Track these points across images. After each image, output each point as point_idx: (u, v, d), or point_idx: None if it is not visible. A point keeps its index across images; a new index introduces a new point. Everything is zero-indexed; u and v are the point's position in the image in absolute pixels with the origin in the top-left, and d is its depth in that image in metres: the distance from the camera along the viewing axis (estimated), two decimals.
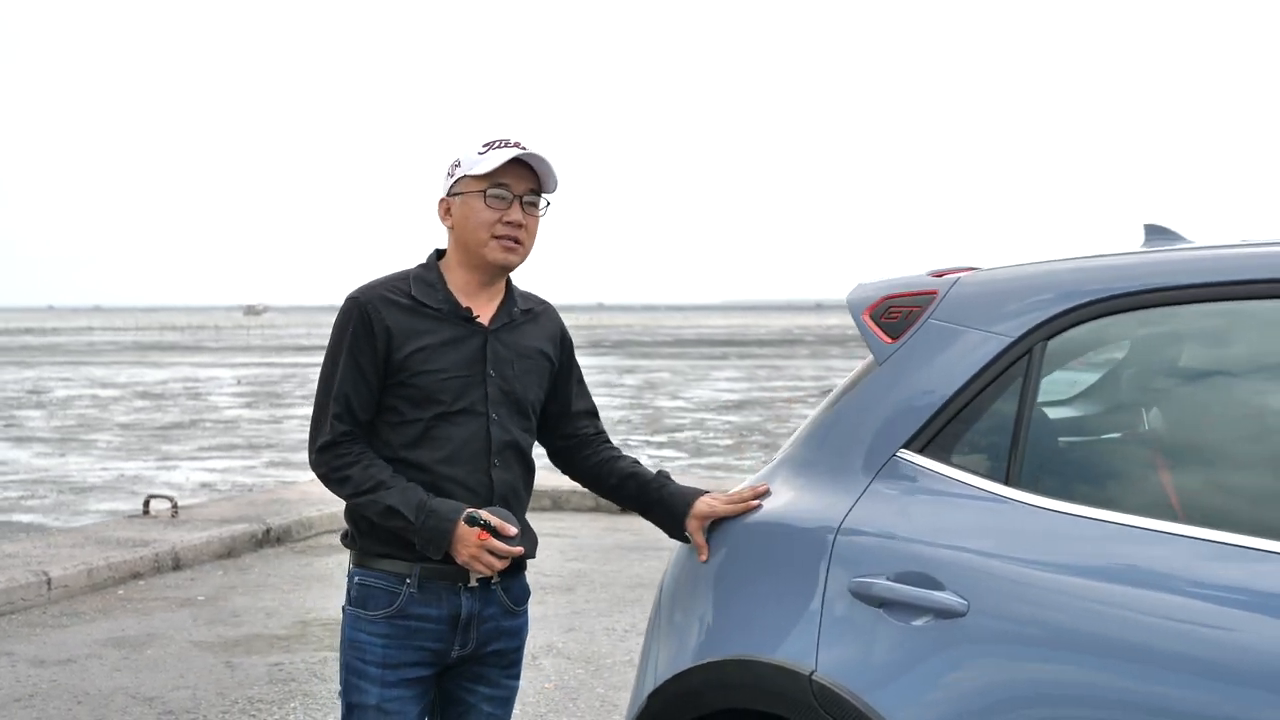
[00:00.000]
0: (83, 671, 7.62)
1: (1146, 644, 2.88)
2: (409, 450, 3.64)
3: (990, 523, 3.20)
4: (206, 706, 6.95)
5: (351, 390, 3.63)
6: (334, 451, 3.63)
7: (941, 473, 3.33)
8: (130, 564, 10.02)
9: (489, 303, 3.76)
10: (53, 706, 6.97)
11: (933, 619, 3.16)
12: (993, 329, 3.40)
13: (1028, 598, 3.06)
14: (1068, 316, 3.32)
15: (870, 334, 3.61)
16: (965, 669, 3.10)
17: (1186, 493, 3.16)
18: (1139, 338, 3.50)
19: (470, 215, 3.69)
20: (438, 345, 3.66)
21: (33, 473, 18.50)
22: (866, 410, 3.54)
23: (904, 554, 3.26)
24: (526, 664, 7.65)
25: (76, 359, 57.34)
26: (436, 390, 3.63)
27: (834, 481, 3.49)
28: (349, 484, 3.61)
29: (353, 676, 3.68)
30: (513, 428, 3.73)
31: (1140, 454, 3.46)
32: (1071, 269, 3.41)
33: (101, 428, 25.27)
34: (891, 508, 3.35)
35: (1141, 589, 2.93)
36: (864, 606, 3.27)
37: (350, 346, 3.64)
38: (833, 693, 3.25)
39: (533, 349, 3.81)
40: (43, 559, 9.81)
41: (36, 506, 14.90)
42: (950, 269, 3.64)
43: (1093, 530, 3.06)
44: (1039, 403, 3.35)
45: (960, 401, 3.37)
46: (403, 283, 3.72)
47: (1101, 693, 2.92)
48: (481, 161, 3.66)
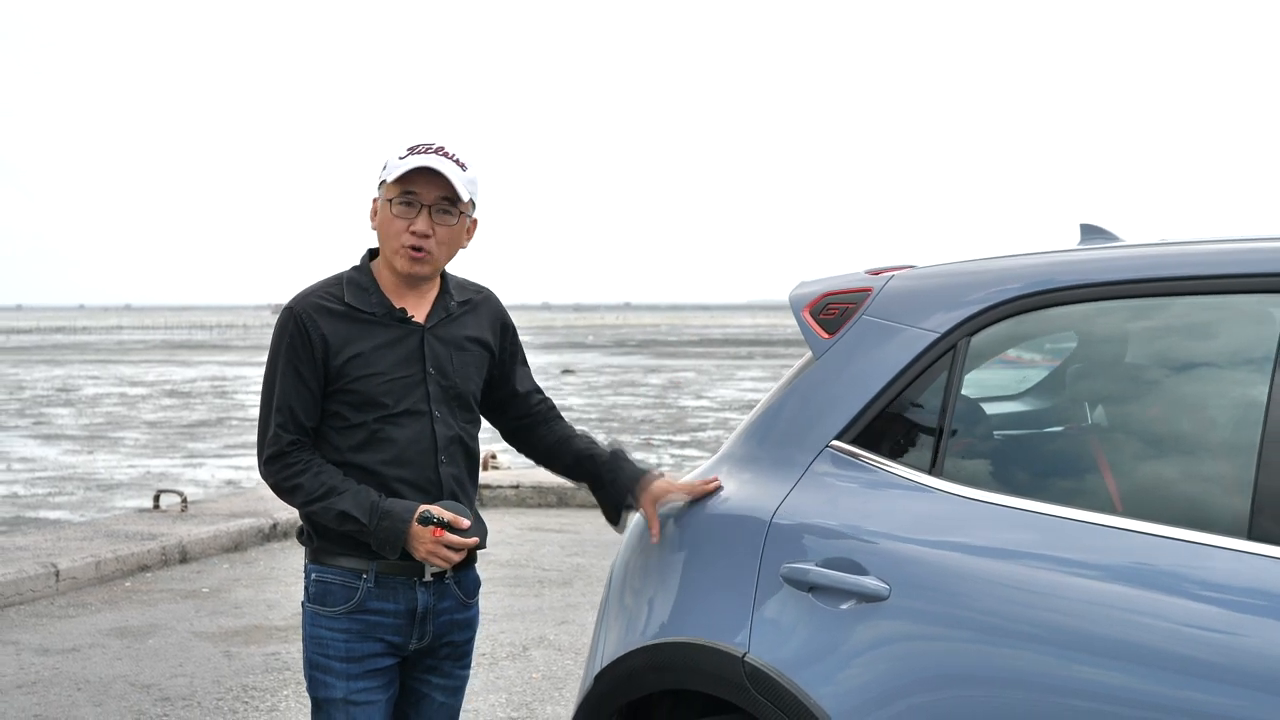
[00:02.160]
0: (85, 660, 7.80)
1: (1058, 625, 3.01)
2: (356, 454, 3.69)
3: (913, 510, 3.33)
4: (202, 694, 7.12)
5: (294, 400, 3.66)
6: (282, 461, 3.67)
7: (870, 463, 3.46)
8: (138, 557, 10.21)
9: (422, 299, 3.78)
10: (53, 693, 7.15)
11: (857, 603, 3.29)
12: (921, 325, 3.53)
13: (945, 582, 3.19)
14: (990, 313, 3.45)
15: (809, 329, 3.74)
16: (886, 650, 3.24)
17: (1102, 481, 3.30)
18: (1058, 333, 3.64)
19: (385, 222, 3.71)
20: (374, 349, 3.69)
21: (61, 470, 18.74)
22: (803, 403, 3.67)
23: (832, 541, 3.40)
24: (516, 655, 7.82)
25: (106, 357, 57.77)
26: (378, 394, 3.67)
27: (771, 472, 3.62)
28: (300, 492, 3.65)
29: (317, 672, 3.75)
30: (455, 423, 3.78)
31: (1057, 445, 3.61)
32: (995, 267, 3.54)
33: (129, 425, 25.54)
34: (822, 497, 3.49)
35: (1054, 573, 3.06)
36: (795, 591, 3.41)
37: (288, 356, 3.68)
38: (763, 673, 3.39)
39: (470, 339, 3.83)
40: (52, 551, 10.00)
41: (64, 503, 15.13)
42: (887, 267, 3.78)
43: (1009, 517, 3.19)
44: (965, 395, 3.49)
45: (889, 394, 3.51)
46: (336, 287, 3.74)
47: (1014, 673, 3.04)
48: (397, 167, 3.65)
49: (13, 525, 13.05)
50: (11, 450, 21.55)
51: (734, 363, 50.58)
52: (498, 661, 7.73)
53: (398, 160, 3.66)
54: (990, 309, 3.44)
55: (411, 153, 3.66)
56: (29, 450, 21.59)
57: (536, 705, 6.97)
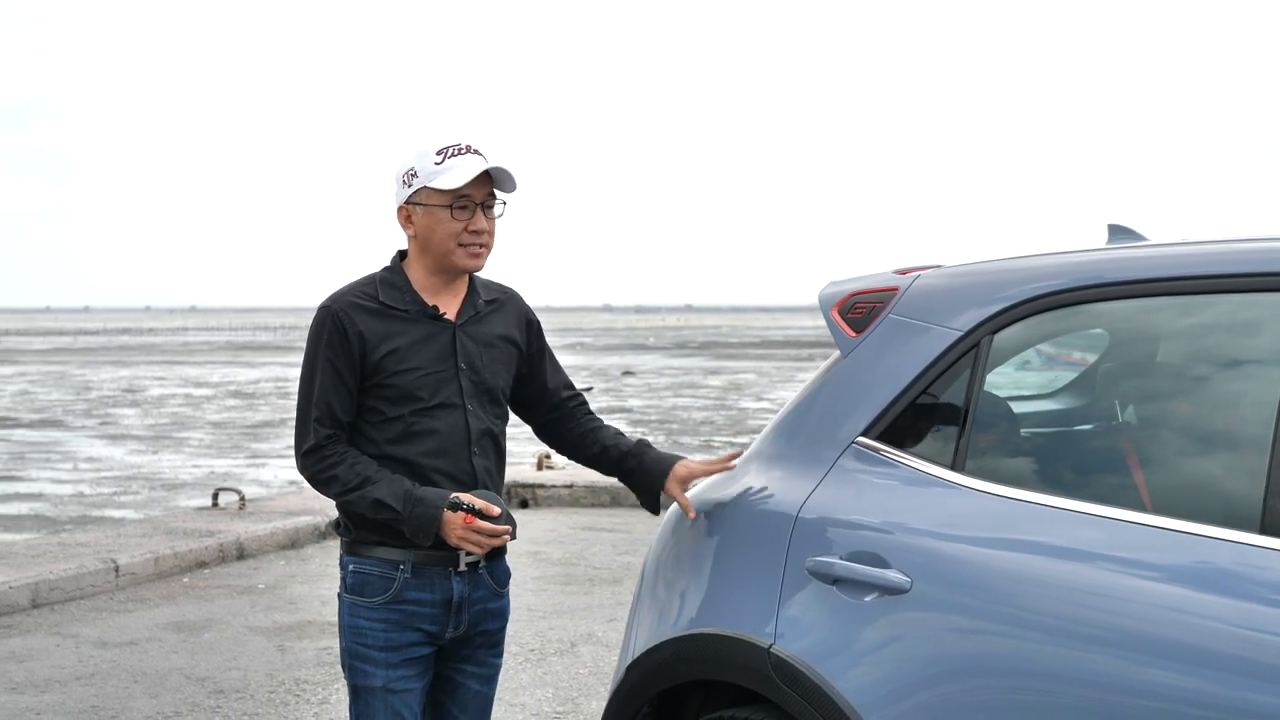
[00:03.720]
0: (142, 653, 7.96)
1: (1077, 618, 3.07)
2: (394, 446, 3.80)
3: (935, 505, 3.40)
4: (255, 686, 7.26)
5: (332, 395, 3.78)
6: (319, 454, 3.79)
7: (894, 459, 3.53)
8: (196, 553, 10.40)
9: (454, 298, 3.91)
10: (110, 685, 7.31)
11: (880, 595, 3.37)
12: (945, 324, 3.59)
13: (965, 575, 3.26)
14: (1012, 312, 3.51)
15: (837, 328, 3.81)
16: (907, 642, 3.31)
17: (1121, 477, 3.36)
18: (1080, 331, 3.70)
19: (436, 226, 3.81)
20: (409, 345, 3.81)
21: (126, 469, 19.02)
22: (830, 400, 3.75)
23: (856, 535, 3.47)
24: (564, 651, 7.92)
25: (171, 358, 58.34)
26: (414, 388, 3.79)
27: (799, 468, 3.70)
28: (336, 483, 3.76)
29: (357, 661, 3.85)
30: (487, 416, 3.90)
31: (1079, 442, 3.67)
32: (1018, 267, 3.60)
33: (194, 426, 25.83)
34: (847, 492, 3.56)
35: (1073, 566, 3.12)
36: (819, 584, 3.48)
37: (326, 353, 3.79)
38: (788, 664, 3.47)
39: (499, 337, 3.95)
40: (113, 548, 10.20)
41: (129, 502, 15.37)
42: (914, 267, 3.85)
43: (1029, 512, 3.26)
44: (987, 392, 3.55)
45: (914, 391, 3.57)
46: (369, 287, 3.87)
47: (1033, 665, 3.11)
48: (443, 174, 3.77)
49: (79, 524, 13.28)
50: (78, 450, 21.87)
51: (795, 364, 50.52)
52: (546, 657, 7.84)
53: (435, 165, 3.78)
54: (1012, 308, 3.50)
55: (447, 155, 3.79)
56: (95, 450, 21.90)
57: (582, 700, 7.07)
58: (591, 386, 37.67)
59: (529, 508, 13.72)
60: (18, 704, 6.99)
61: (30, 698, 7.09)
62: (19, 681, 7.38)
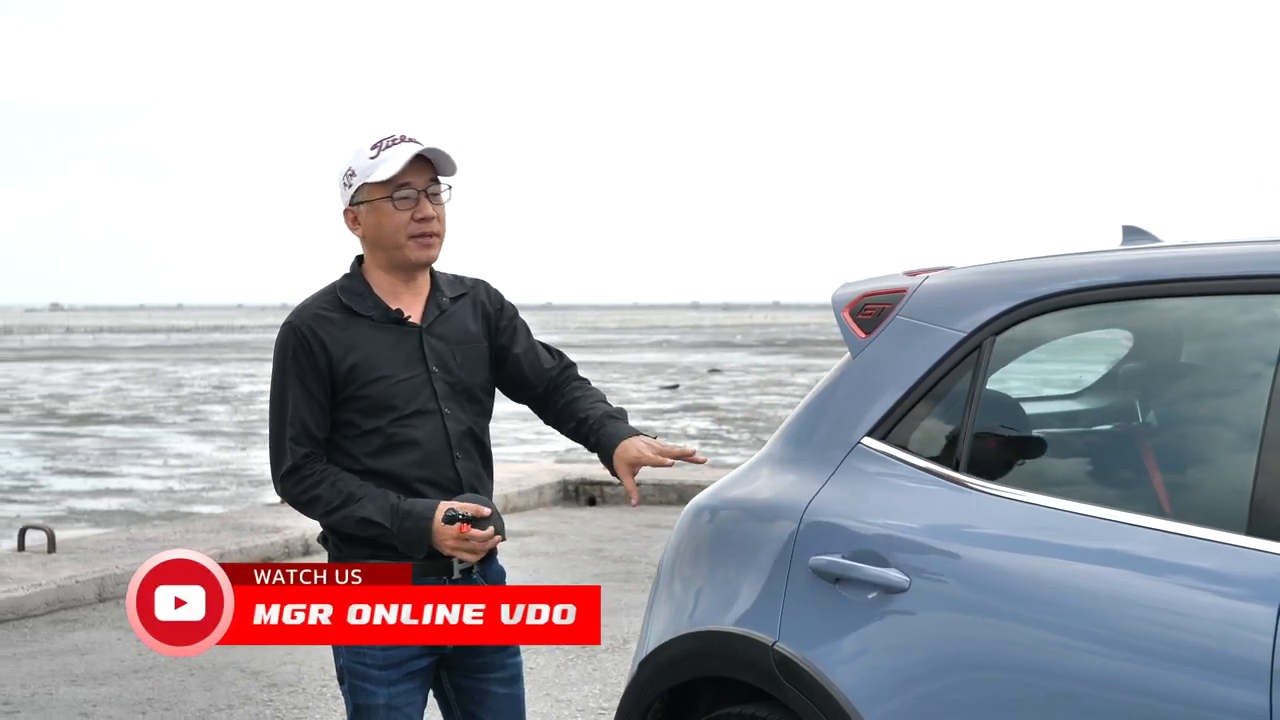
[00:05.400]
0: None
1: (1072, 615, 3.10)
2: (374, 459, 3.73)
3: (934, 505, 3.44)
4: (308, 680, 7.38)
5: (305, 413, 3.71)
6: (297, 475, 3.71)
7: (898, 458, 3.57)
8: (261, 549, 10.56)
9: (416, 299, 3.83)
10: (167, 678, 7.45)
11: (880, 594, 3.41)
12: (950, 325, 3.62)
13: (962, 574, 3.30)
14: (1014, 313, 3.53)
15: (847, 329, 3.84)
16: (905, 639, 3.36)
17: (1118, 479, 3.39)
18: (1079, 333, 3.71)
19: (382, 221, 3.74)
20: (376, 353, 3.73)
21: (215, 466, 19.34)
22: (839, 401, 3.78)
23: (858, 534, 3.51)
24: (615, 648, 7.97)
25: (262, 355, 58.92)
26: (388, 397, 3.72)
27: (808, 468, 3.73)
28: (319, 504, 3.69)
29: (356, 680, 3.76)
30: (466, 417, 3.83)
31: (1079, 443, 3.68)
32: (1020, 268, 3.63)
33: None
34: (851, 492, 3.60)
35: (1068, 566, 3.15)
36: (822, 582, 3.52)
37: (294, 370, 3.73)
38: (791, 661, 3.52)
39: (468, 333, 3.87)
40: (179, 543, 10.38)
41: (217, 498, 15.63)
42: (924, 268, 3.87)
43: (1027, 512, 3.28)
44: (989, 393, 3.57)
45: (918, 393, 3.61)
46: (330, 296, 3.80)
47: (1026, 662, 3.15)
48: (378, 166, 3.71)
49: (167, 519, 13.49)
50: (169, 446, 22.26)
51: None
52: (597, 653, 7.89)
53: (370, 160, 3.72)
54: (1015, 309, 3.52)
55: (382, 148, 3.73)
56: (185, 446, 22.29)
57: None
58: (677, 384, 37.74)
59: (596, 505, 13.80)
60: (75, 696, 7.15)
61: (88, 690, 7.25)
62: (79, 674, 7.54)
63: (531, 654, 7.74)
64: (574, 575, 10.18)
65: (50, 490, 17.33)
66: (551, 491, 13.86)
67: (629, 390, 36.38)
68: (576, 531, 12.28)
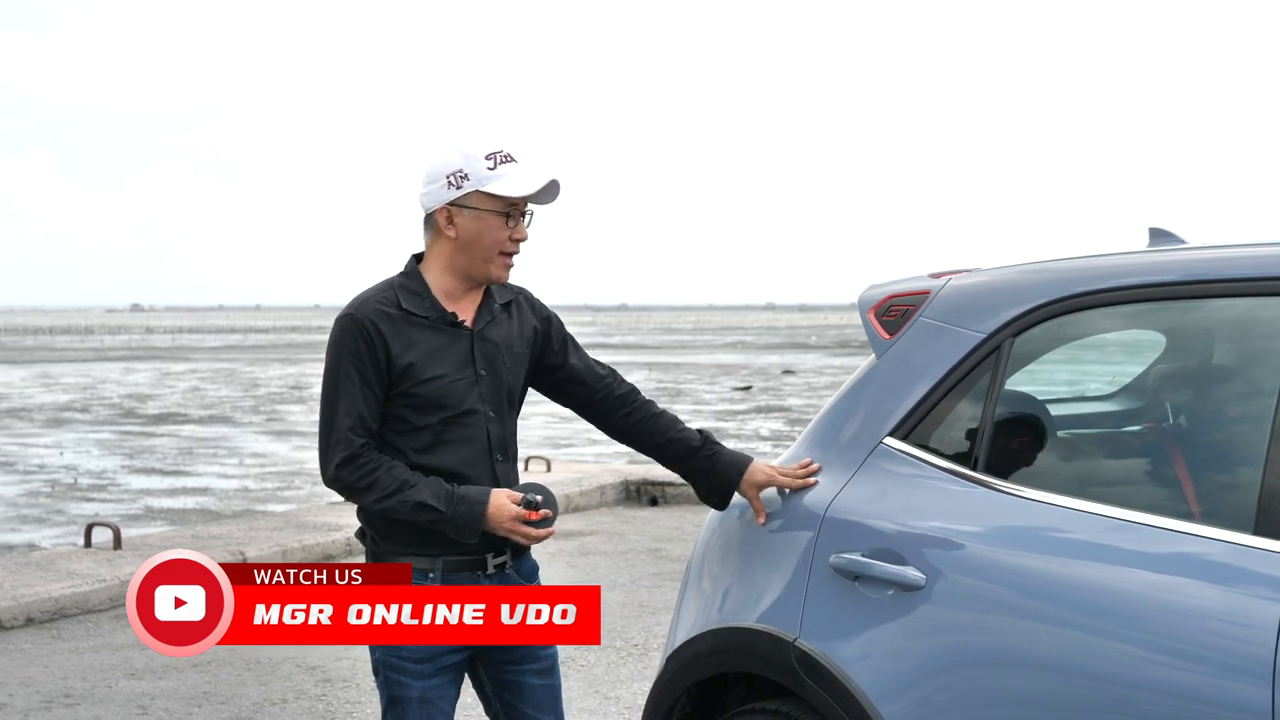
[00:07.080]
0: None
1: (1089, 609, 3.13)
2: (422, 455, 3.80)
3: (951, 504, 3.48)
4: (362, 676, 7.47)
5: (362, 404, 3.76)
6: (355, 463, 3.75)
7: (919, 458, 3.61)
8: (322, 546, 10.70)
9: (470, 304, 3.90)
10: (224, 673, 7.58)
11: (897, 591, 3.46)
12: (971, 326, 3.66)
13: (977, 572, 3.34)
14: (1032, 315, 3.57)
15: (872, 330, 3.89)
16: (921, 636, 3.40)
17: (1130, 479, 3.42)
18: (1102, 334, 3.74)
19: (485, 232, 3.81)
20: (431, 352, 3.80)
21: (290, 465, 19.54)
22: (862, 401, 3.83)
23: (877, 532, 3.56)
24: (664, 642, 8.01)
25: None
26: (441, 396, 3.78)
27: (833, 467, 3.79)
28: (375, 489, 3.73)
29: (391, 673, 3.83)
30: (505, 422, 3.92)
31: (1091, 444, 3.71)
32: (1040, 270, 3.66)
33: None
34: (872, 491, 3.65)
35: (1081, 562, 3.18)
36: (842, 580, 3.57)
37: (354, 362, 3.77)
38: (811, 658, 3.57)
39: (516, 340, 3.95)
40: (242, 540, 10.54)
41: (291, 497, 15.80)
42: (949, 270, 3.91)
43: (1043, 511, 3.32)
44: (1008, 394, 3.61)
45: (939, 393, 3.65)
46: (389, 293, 3.84)
47: (1042, 659, 3.18)
48: (499, 179, 3.78)
49: (243, 518, 13.68)
50: (245, 446, 22.51)
51: None
52: (649, 652, 7.95)
53: (489, 170, 3.78)
54: (1034, 310, 3.56)
55: (498, 161, 3.80)
56: (261, 446, 22.53)
57: None
58: (751, 385, 37.65)
59: (658, 505, 13.84)
60: (134, 689, 7.29)
61: (148, 683, 7.38)
62: (139, 668, 7.68)
63: (585, 651, 7.83)
64: (631, 575, 10.23)
65: (128, 489, 17.57)
66: (613, 491, 13.92)
67: (701, 391, 36.40)
68: (637, 531, 12.33)
